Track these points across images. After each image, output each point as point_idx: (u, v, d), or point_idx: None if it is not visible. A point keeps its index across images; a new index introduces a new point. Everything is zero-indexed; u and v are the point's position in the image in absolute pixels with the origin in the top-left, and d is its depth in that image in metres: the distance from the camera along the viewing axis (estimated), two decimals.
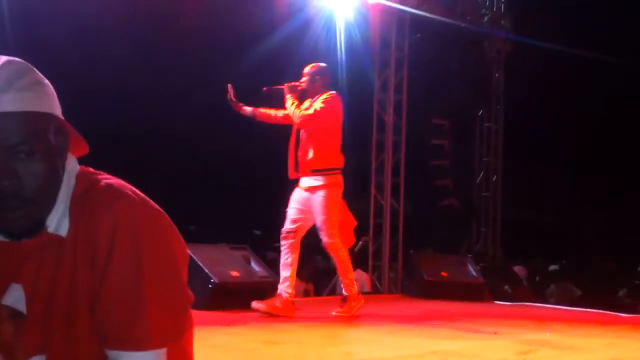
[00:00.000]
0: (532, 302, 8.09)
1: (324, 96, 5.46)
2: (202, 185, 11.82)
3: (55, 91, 1.34)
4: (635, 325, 6.08)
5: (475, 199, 10.28)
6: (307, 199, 5.50)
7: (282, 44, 9.59)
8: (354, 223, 5.94)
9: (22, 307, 1.32)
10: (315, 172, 5.47)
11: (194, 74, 10.58)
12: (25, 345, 1.32)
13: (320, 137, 5.47)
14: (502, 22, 10.09)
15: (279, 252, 9.72)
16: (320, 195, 5.42)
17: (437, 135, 10.63)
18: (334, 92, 5.58)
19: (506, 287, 9.21)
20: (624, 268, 10.64)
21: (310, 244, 11.15)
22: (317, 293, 8.74)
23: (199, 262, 5.54)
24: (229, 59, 10.60)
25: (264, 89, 5.67)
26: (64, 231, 1.30)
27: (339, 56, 8.76)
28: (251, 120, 5.76)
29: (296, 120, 5.44)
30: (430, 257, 8.51)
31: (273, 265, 6.67)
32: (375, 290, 8.47)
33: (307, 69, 5.62)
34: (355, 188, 9.18)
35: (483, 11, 9.89)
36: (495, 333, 4.96)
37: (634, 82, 12.26)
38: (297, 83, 5.59)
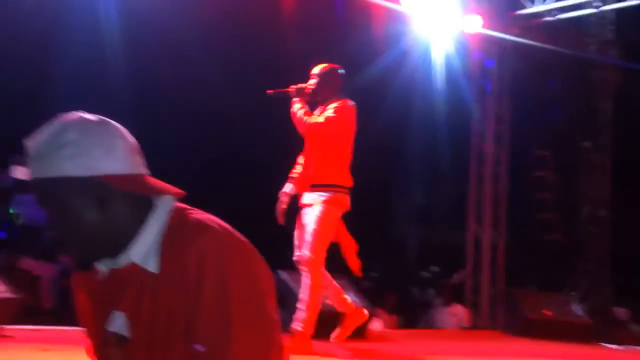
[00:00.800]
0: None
1: (335, 104, 4.78)
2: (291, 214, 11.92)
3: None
4: None
5: (581, 234, 9.81)
6: (304, 216, 4.84)
7: (379, 75, 9.65)
8: (356, 247, 5.29)
9: (125, 332, 1.43)
10: (315, 187, 4.79)
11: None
12: None
13: (327, 150, 4.78)
14: (611, 50, 9.69)
15: (373, 281, 9.73)
16: (315, 209, 4.72)
17: (540, 167, 10.28)
18: (348, 100, 4.86)
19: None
20: None
21: (398, 274, 11.06)
22: (412, 325, 8.58)
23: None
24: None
25: (269, 92, 5.05)
26: (152, 265, 1.40)
27: (436, 87, 8.72)
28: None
29: (303, 128, 4.78)
30: (532, 294, 8.19)
31: (368, 294, 6.61)
32: (474, 325, 8.23)
33: (316, 70, 4.94)
34: (453, 220, 9.02)
35: (590, 38, 9.53)
36: None
37: None
38: (304, 85, 4.92)
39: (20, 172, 1.59)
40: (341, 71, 4.95)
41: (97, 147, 1.40)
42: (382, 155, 12.86)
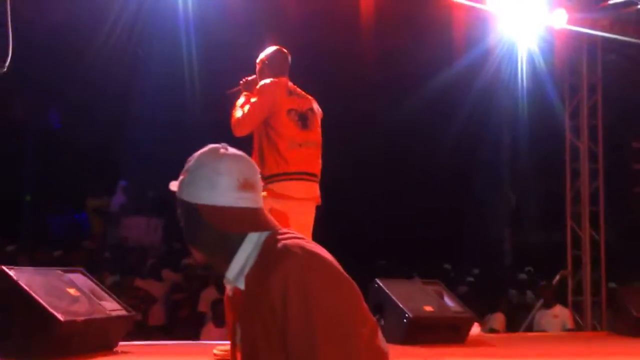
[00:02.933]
0: None
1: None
2: (388, 219, 11.90)
3: None
4: None
5: None
6: None
7: (462, 73, 9.55)
8: None
9: (240, 344, 1.61)
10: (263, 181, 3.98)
11: (374, 101, 10.83)
12: None
13: (260, 140, 3.97)
14: None
15: (470, 285, 9.59)
16: None
17: (638, 160, 9.89)
18: (274, 79, 4.01)
19: None
20: None
21: (495, 278, 10.85)
22: (512, 329, 8.39)
23: (394, 297, 5.50)
24: (409, 88, 10.73)
25: (228, 92, 4.30)
26: (241, 284, 1.56)
27: (520, 84, 8.57)
28: None
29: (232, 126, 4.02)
30: (638, 291, 7.80)
31: (465, 299, 6.50)
32: (577, 327, 7.95)
33: (260, 56, 4.23)
34: (551, 218, 8.76)
35: None
36: None
37: None
38: (251, 78, 4.21)
39: (173, 186, 1.71)
40: (282, 52, 4.18)
41: (203, 180, 1.59)
42: (470, 156, 12.68)
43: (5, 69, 4.96)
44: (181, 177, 1.63)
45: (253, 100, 3.94)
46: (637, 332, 6.78)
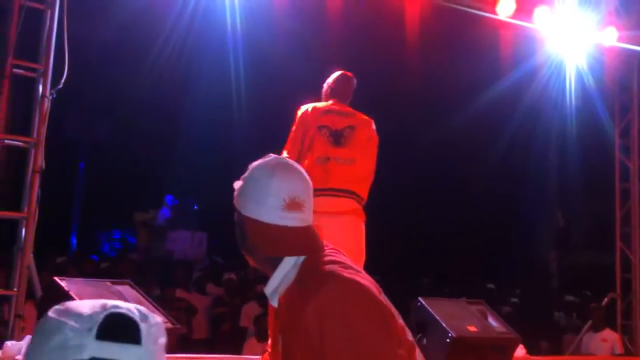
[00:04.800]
0: None
1: None
2: (433, 238, 11.81)
3: None
4: None
5: None
6: None
7: (509, 92, 9.46)
8: None
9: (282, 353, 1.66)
10: None
11: (420, 119, 10.79)
12: None
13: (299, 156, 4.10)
14: None
15: (514, 306, 9.43)
16: None
17: None
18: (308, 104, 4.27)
19: None
20: None
21: (540, 299, 10.64)
22: (558, 352, 8.22)
23: (437, 316, 5.45)
24: (456, 107, 10.67)
25: None
26: (274, 302, 1.62)
27: (568, 103, 8.45)
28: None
29: None
30: None
31: (509, 320, 6.39)
32: (627, 352, 7.74)
33: None
34: (599, 240, 8.56)
35: None
36: None
37: None
38: None
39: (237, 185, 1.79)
40: (346, 76, 4.44)
41: (252, 194, 1.64)
42: (516, 174, 12.52)
43: (61, 86, 5.12)
44: (239, 184, 1.68)
45: (293, 131, 4.19)
46: None
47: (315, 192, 4.04)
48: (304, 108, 4.20)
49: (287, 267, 1.60)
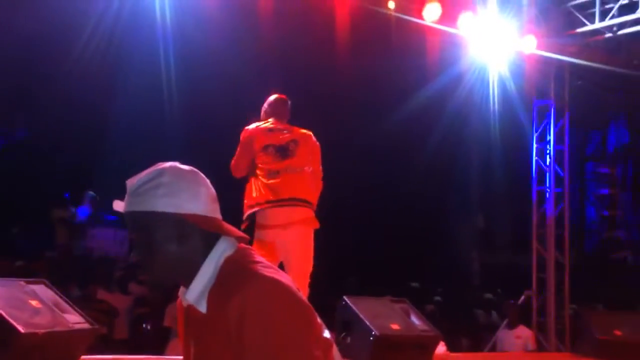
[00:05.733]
0: None
1: None
2: (359, 237, 11.93)
3: None
4: None
5: None
6: None
7: (434, 96, 9.64)
8: None
9: None
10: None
11: (349, 123, 10.87)
12: None
13: (248, 176, 4.51)
14: None
15: (437, 304, 9.61)
16: None
17: (605, 184, 10.05)
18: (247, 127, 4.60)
19: None
20: None
21: (461, 298, 10.91)
22: (478, 349, 8.42)
23: (361, 315, 5.49)
24: (385, 111, 10.79)
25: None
26: (202, 308, 1.56)
27: (491, 108, 8.66)
28: None
29: None
30: (601, 314, 7.91)
31: (432, 318, 6.52)
32: (540, 348, 8.00)
33: None
34: (518, 241, 8.84)
35: None
36: None
37: None
38: None
39: (117, 206, 1.74)
40: (281, 99, 4.70)
41: (185, 191, 1.61)
42: (441, 178, 12.78)
43: None
44: (154, 191, 1.60)
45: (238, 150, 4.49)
46: (599, 353, 6.86)
47: (269, 204, 4.24)
48: (248, 129, 4.51)
49: (212, 266, 1.58)
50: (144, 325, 7.53)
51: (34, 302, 4.07)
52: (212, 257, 1.59)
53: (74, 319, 4.29)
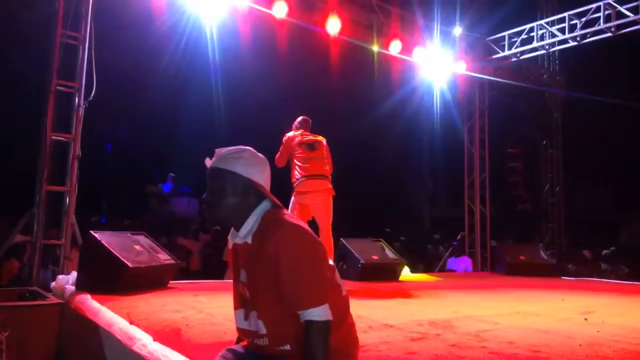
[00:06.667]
0: (594, 277, 7.24)
1: None
2: (352, 201, 11.94)
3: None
4: None
5: (544, 204, 9.49)
6: None
7: (396, 103, 9.59)
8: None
9: (246, 281, 1.60)
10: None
11: (340, 125, 10.80)
12: (249, 304, 1.60)
13: (290, 163, 4.62)
14: (558, 77, 9.31)
15: (403, 243, 9.65)
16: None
17: (512, 160, 10.05)
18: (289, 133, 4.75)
19: (570, 266, 8.34)
20: None
21: (418, 237, 10.97)
22: (429, 271, 8.44)
23: (352, 250, 5.52)
24: (361, 114, 10.73)
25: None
26: (249, 240, 1.56)
27: (435, 111, 8.64)
28: None
29: None
30: (511, 246, 7.94)
31: (399, 251, 6.55)
32: (475, 270, 8.06)
33: None
34: (453, 200, 8.83)
35: (542, 71, 9.18)
36: (562, 299, 4.47)
37: None
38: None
39: (208, 162, 1.76)
40: (304, 119, 4.85)
41: (256, 166, 1.62)
42: (402, 158, 12.76)
43: (91, 98, 4.89)
44: (237, 159, 1.60)
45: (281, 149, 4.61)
46: (510, 272, 6.94)
47: (304, 178, 4.43)
48: (288, 135, 4.68)
49: (256, 216, 1.58)
50: (210, 261, 7.59)
51: (137, 247, 4.10)
52: (258, 210, 1.59)
53: (164, 257, 4.33)
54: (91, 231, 3.88)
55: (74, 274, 3.96)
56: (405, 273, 6.21)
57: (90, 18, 4.94)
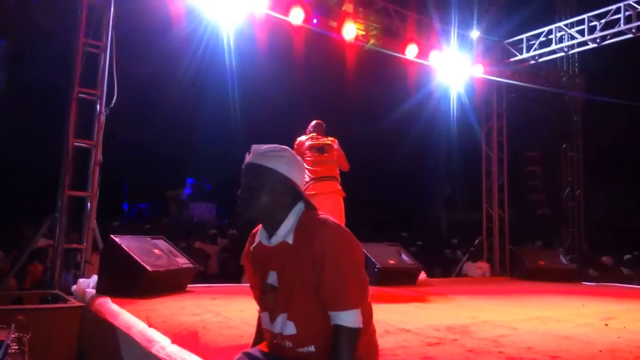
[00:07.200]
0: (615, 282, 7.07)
1: None
2: (371, 205, 11.88)
3: None
4: None
5: (564, 208, 9.31)
6: None
7: (413, 107, 9.56)
8: None
9: (276, 284, 1.56)
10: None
11: (359, 129, 10.80)
12: (278, 306, 1.56)
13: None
14: (577, 80, 9.16)
15: (419, 247, 9.57)
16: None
17: (531, 164, 9.91)
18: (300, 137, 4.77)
19: (591, 271, 8.15)
20: None
21: (436, 242, 10.87)
22: (447, 275, 8.37)
23: (369, 255, 5.51)
24: (379, 116, 10.71)
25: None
26: (290, 240, 1.53)
27: (452, 114, 8.58)
28: None
29: None
30: (530, 250, 7.82)
31: (415, 256, 6.51)
32: (493, 274, 7.95)
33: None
34: (471, 204, 8.73)
35: (561, 73, 9.04)
36: (583, 305, 4.37)
37: None
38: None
39: (247, 158, 1.73)
40: (317, 122, 4.84)
41: (295, 166, 1.61)
42: (420, 162, 12.68)
43: (112, 105, 4.99)
44: (279, 158, 1.58)
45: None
46: (528, 276, 6.83)
47: (313, 180, 4.41)
48: (299, 139, 4.69)
49: (295, 215, 1.57)
50: (227, 264, 7.62)
51: (156, 251, 4.15)
52: (295, 210, 1.57)
53: (182, 261, 4.37)
54: (111, 235, 3.94)
55: (94, 278, 4.02)
56: (423, 277, 6.15)
57: (111, 27, 5.05)
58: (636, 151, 11.81)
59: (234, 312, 3.31)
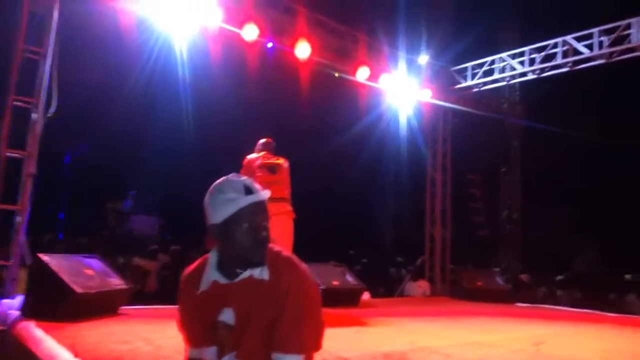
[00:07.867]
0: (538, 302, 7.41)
1: None
2: (317, 222, 11.92)
3: None
4: (621, 322, 5.44)
5: (501, 230, 9.72)
6: None
7: (364, 128, 9.73)
8: None
9: (231, 322, 1.54)
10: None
11: (310, 148, 10.84)
12: (229, 344, 1.53)
13: None
14: (517, 106, 9.67)
15: (363, 265, 9.64)
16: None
17: (472, 186, 10.27)
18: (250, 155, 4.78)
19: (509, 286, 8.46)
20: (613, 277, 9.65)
21: (380, 260, 11.04)
22: (390, 295, 8.45)
23: (314, 275, 5.48)
24: (330, 137, 10.81)
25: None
26: (266, 276, 1.52)
27: (401, 137, 8.76)
28: None
29: None
30: (469, 270, 8.08)
31: (360, 274, 6.54)
32: (433, 294, 8.11)
33: None
34: (416, 223, 8.94)
35: (502, 100, 9.52)
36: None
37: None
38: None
39: (259, 194, 1.60)
40: (266, 141, 4.83)
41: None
42: (366, 183, 12.90)
43: (50, 114, 4.75)
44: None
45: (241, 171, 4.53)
46: (467, 297, 7.04)
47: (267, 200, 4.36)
48: (249, 157, 4.64)
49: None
50: (167, 282, 7.38)
51: (88, 271, 3.97)
52: None
53: (116, 282, 4.20)
54: (39, 254, 3.73)
55: (20, 298, 3.79)
56: (366, 297, 6.20)
57: (53, 33, 4.83)
58: (571, 177, 12.58)
59: (168, 339, 3.20)
